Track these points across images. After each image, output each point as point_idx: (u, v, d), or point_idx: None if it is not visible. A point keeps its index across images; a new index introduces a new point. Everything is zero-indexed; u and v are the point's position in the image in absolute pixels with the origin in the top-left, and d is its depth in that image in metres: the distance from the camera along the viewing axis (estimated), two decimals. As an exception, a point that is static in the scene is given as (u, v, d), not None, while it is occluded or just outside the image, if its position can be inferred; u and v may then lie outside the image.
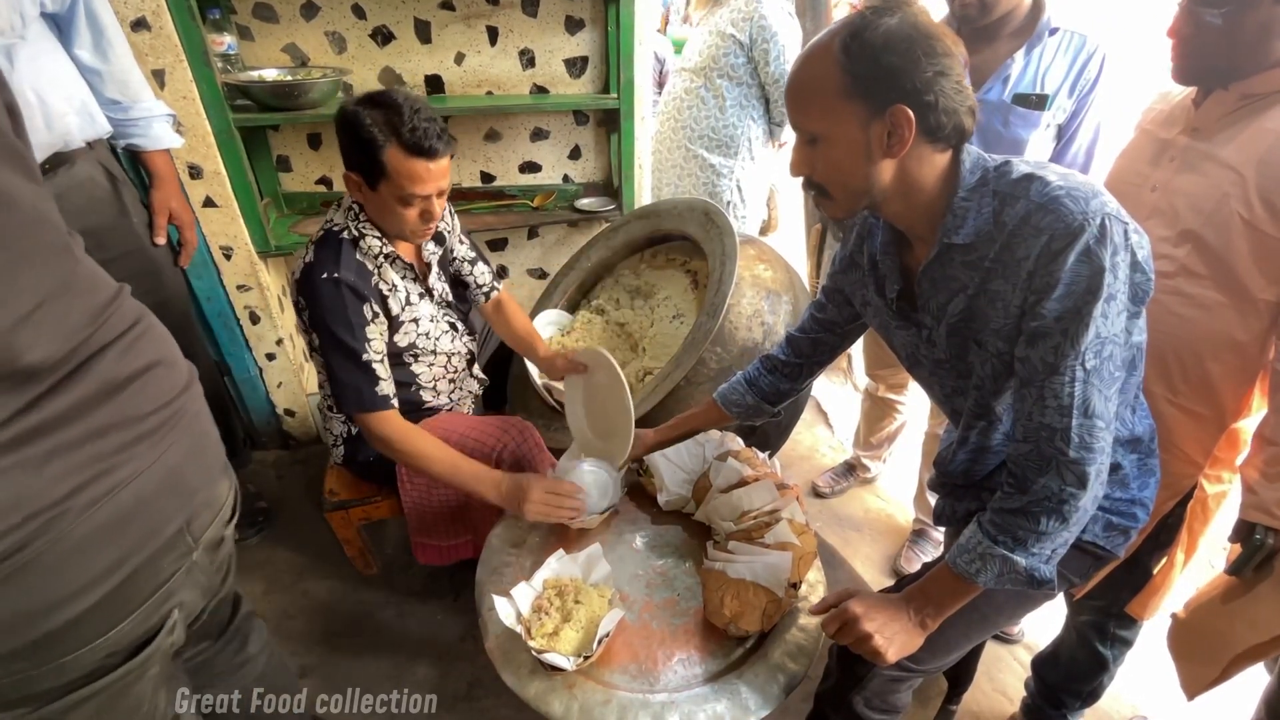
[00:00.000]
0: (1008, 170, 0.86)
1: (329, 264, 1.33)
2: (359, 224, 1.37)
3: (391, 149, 1.23)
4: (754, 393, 1.30)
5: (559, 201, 2.31)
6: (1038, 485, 0.84)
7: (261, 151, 2.08)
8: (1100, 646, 1.32)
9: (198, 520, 0.78)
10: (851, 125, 0.83)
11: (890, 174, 0.86)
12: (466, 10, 2.02)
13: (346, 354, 1.34)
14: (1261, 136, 0.99)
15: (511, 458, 1.47)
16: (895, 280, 1.00)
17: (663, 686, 1.00)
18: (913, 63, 0.79)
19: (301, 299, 1.35)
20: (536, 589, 1.08)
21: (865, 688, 1.01)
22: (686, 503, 1.32)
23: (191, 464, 0.77)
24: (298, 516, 2.06)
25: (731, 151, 2.42)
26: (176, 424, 0.75)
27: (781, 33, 2.21)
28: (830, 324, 1.23)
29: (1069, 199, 0.79)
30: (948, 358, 0.98)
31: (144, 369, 0.73)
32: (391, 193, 1.28)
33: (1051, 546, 0.87)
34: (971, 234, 0.87)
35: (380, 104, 1.24)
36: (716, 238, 1.69)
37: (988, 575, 0.88)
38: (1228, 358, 1.07)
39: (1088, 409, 0.81)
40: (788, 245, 3.83)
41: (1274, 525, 0.98)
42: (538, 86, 2.18)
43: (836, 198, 0.90)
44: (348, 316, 1.33)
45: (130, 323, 0.74)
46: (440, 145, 1.26)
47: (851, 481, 2.27)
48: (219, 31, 1.81)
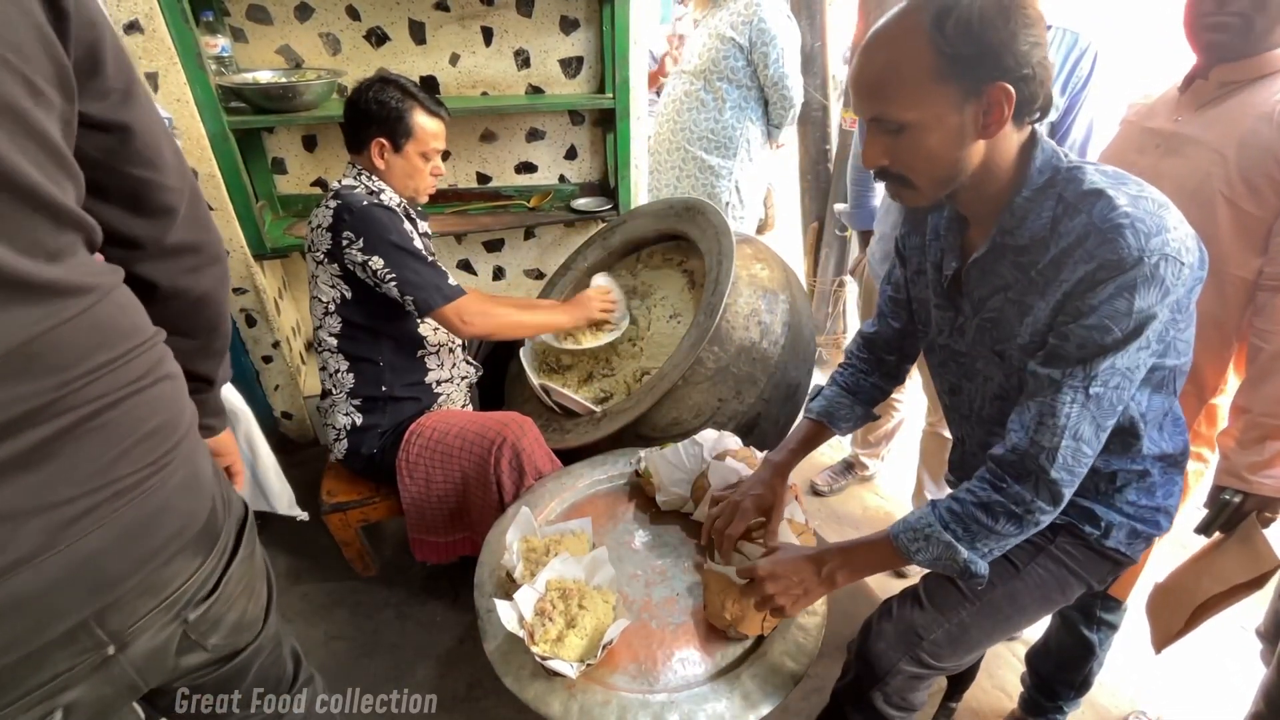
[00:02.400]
0: (1079, 177, 0.81)
1: (363, 197, 1.48)
2: (372, 182, 1.54)
3: (417, 113, 1.49)
4: (859, 401, 1.21)
5: (555, 202, 2.31)
6: (1012, 490, 0.85)
7: (256, 154, 2.08)
8: (1086, 631, 1.34)
9: (120, 613, 0.66)
10: (946, 109, 0.78)
11: (979, 156, 0.82)
12: (461, 11, 2.01)
13: (415, 257, 1.47)
14: (1241, 119, 1.05)
15: (511, 451, 1.48)
16: (954, 258, 0.97)
17: (662, 686, 1.00)
18: (1011, 36, 0.73)
19: (349, 232, 1.44)
20: (539, 590, 1.08)
21: (886, 685, 1.00)
22: (685, 502, 1.32)
23: (125, 548, 0.64)
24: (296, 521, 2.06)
25: (730, 153, 2.43)
26: (117, 504, 0.63)
27: (780, 35, 2.23)
28: (904, 303, 1.14)
29: (1131, 232, 0.74)
30: (966, 351, 0.98)
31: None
32: (416, 149, 1.52)
33: (997, 546, 0.88)
34: (1026, 237, 0.84)
35: (389, 84, 1.49)
36: (713, 237, 1.69)
37: (925, 555, 0.90)
38: (1207, 333, 1.11)
39: (1078, 433, 0.82)
40: (785, 244, 3.83)
41: (1242, 488, 1.04)
42: (533, 87, 2.18)
43: (921, 187, 0.85)
44: (401, 227, 1.48)
45: (117, 386, 0.63)
46: (444, 111, 1.55)
47: (850, 479, 2.27)
48: (212, 34, 1.80)
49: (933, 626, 0.98)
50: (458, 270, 2.46)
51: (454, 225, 2.17)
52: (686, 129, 2.44)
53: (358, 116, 1.49)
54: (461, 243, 2.42)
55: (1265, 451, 1.02)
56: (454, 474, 1.54)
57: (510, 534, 1.18)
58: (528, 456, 1.48)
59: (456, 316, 1.51)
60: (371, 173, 1.54)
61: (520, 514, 1.22)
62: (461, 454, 1.52)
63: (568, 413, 1.71)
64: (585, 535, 1.22)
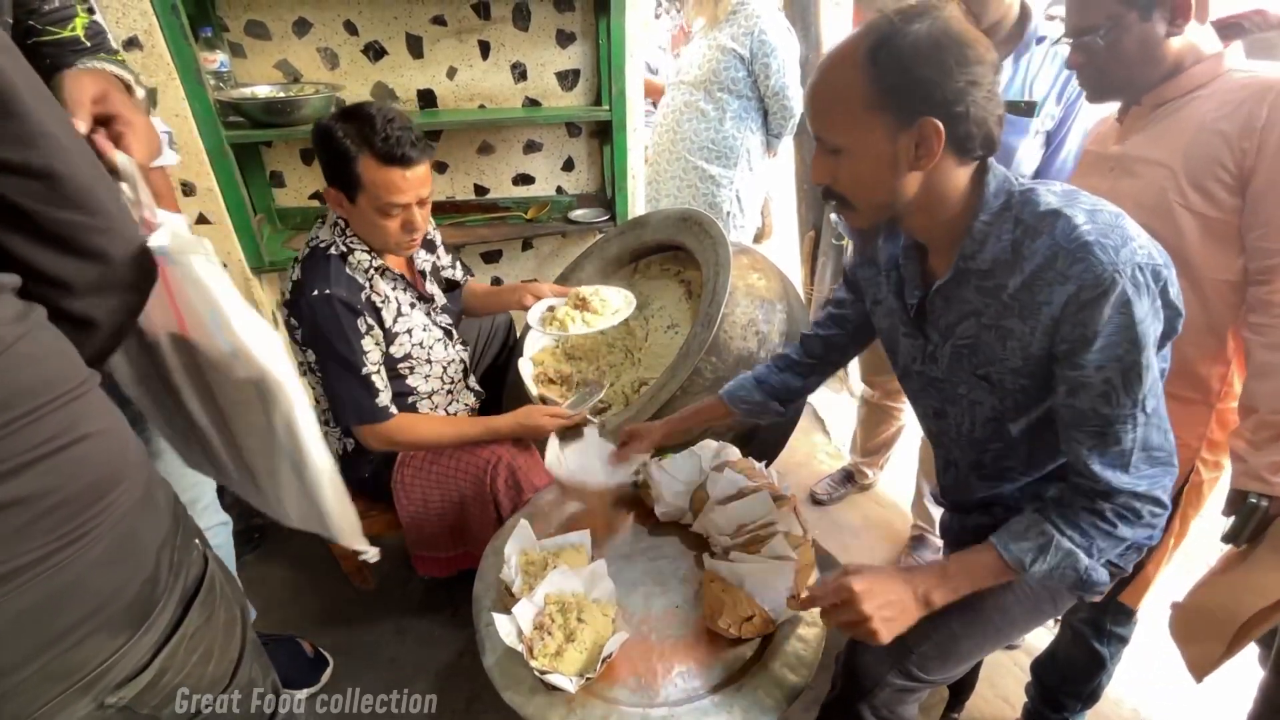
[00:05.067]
0: (1034, 199, 0.83)
1: (319, 281, 1.32)
2: (346, 239, 1.38)
3: (365, 159, 1.25)
4: (762, 390, 1.27)
5: (553, 213, 2.32)
6: (1114, 505, 0.84)
7: (254, 168, 2.08)
8: (1097, 644, 1.32)
9: (16, 701, 0.59)
10: (878, 137, 0.80)
11: (916, 186, 0.83)
12: (458, 25, 2.03)
13: (345, 367, 1.35)
14: (1181, 133, 1.08)
15: (507, 470, 1.47)
16: (916, 287, 0.98)
17: (663, 700, 0.99)
18: (944, 73, 0.75)
19: (293, 319, 1.35)
20: (538, 604, 1.08)
21: (873, 698, 1.00)
22: (684, 513, 1.31)
23: (16, 636, 0.57)
24: (294, 533, 2.04)
25: (731, 162, 2.44)
26: (7, 586, 0.55)
27: (781, 47, 2.25)
28: (844, 320, 1.20)
29: (1099, 248, 0.76)
30: (943, 378, 0.98)
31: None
32: (370, 204, 1.29)
33: (1117, 548, 0.86)
34: (989, 260, 0.85)
35: (352, 117, 1.25)
36: (710, 247, 1.69)
37: (1043, 565, 0.85)
38: (1201, 340, 1.12)
39: (1147, 444, 0.82)
40: (781, 253, 3.84)
41: (1266, 491, 1.00)
42: (530, 99, 2.19)
43: (859, 209, 0.88)
44: (343, 331, 1.33)
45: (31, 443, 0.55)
46: (414, 153, 1.26)
47: (850, 489, 2.26)
48: (211, 49, 1.81)
49: (920, 638, 0.95)
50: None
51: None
52: (687, 139, 2.46)
53: (320, 156, 1.30)
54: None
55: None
56: (451, 494, 1.53)
57: (508, 547, 1.18)
58: (524, 474, 1.47)
59: (368, 438, 1.44)
60: (346, 222, 1.39)
61: (519, 527, 1.21)
62: (457, 475, 1.51)
63: (566, 424, 1.71)
64: (584, 548, 1.21)
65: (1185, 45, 1.07)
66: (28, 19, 0.93)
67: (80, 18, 0.96)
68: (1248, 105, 1.02)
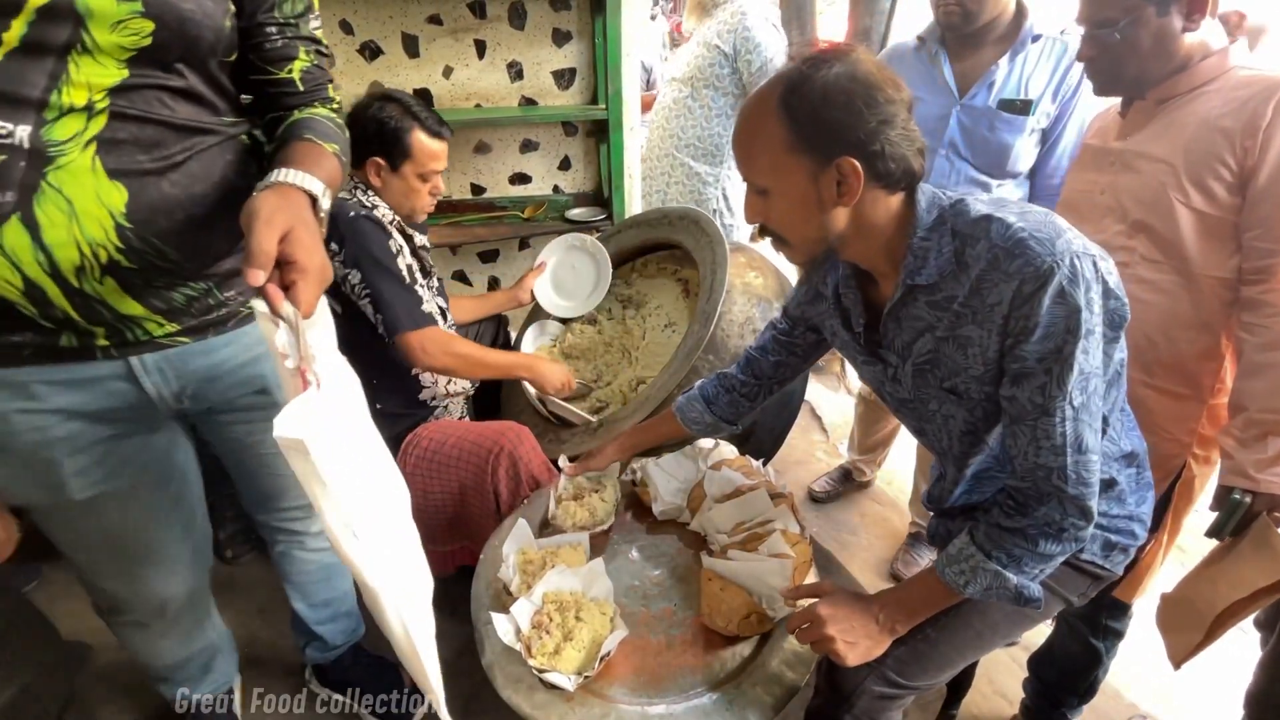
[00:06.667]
0: (964, 209, 0.85)
1: (354, 208, 1.46)
2: (366, 197, 1.52)
3: (416, 133, 1.49)
4: (712, 412, 1.27)
5: (550, 212, 2.32)
6: (1039, 513, 0.85)
7: (251, 167, 2.08)
8: (1092, 639, 1.33)
9: None
10: (799, 177, 0.83)
11: (845, 220, 0.86)
12: (454, 24, 2.02)
13: (391, 278, 1.47)
14: (1183, 129, 1.09)
15: (509, 460, 1.47)
16: (860, 315, 0.99)
17: (661, 698, 0.99)
18: (854, 115, 0.79)
19: (333, 243, 1.43)
20: (536, 603, 1.08)
21: (854, 706, 0.99)
22: (681, 512, 1.32)
23: None
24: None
25: (717, 160, 2.43)
26: None
27: (765, 44, 2.23)
28: (793, 346, 1.20)
29: (1034, 241, 0.78)
30: (911, 398, 0.99)
31: None
32: (414, 170, 1.52)
33: (1044, 567, 0.87)
34: (934, 274, 0.86)
35: (392, 99, 1.50)
36: (707, 246, 1.69)
37: (976, 587, 0.88)
38: (1194, 336, 1.13)
39: (1080, 445, 0.82)
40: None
41: (1250, 487, 1.02)
42: (526, 98, 2.19)
43: (794, 244, 0.92)
44: (385, 244, 1.47)
45: None
46: (447, 131, 1.55)
47: (848, 486, 2.27)
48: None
49: (899, 643, 0.95)
50: (453, 281, 2.46)
51: (449, 237, 2.18)
52: (675, 136, 2.45)
53: (356, 134, 1.44)
54: (456, 254, 2.42)
55: (1269, 449, 1.01)
56: (451, 484, 1.53)
57: (507, 546, 1.18)
58: (525, 465, 1.47)
59: (419, 345, 1.49)
60: (367, 188, 1.54)
61: (517, 526, 1.21)
62: (459, 464, 1.51)
63: (564, 423, 1.71)
64: (582, 546, 1.21)
65: (1196, 41, 1.07)
66: (249, 53, 0.90)
67: (300, 60, 0.94)
68: (1253, 103, 1.02)
